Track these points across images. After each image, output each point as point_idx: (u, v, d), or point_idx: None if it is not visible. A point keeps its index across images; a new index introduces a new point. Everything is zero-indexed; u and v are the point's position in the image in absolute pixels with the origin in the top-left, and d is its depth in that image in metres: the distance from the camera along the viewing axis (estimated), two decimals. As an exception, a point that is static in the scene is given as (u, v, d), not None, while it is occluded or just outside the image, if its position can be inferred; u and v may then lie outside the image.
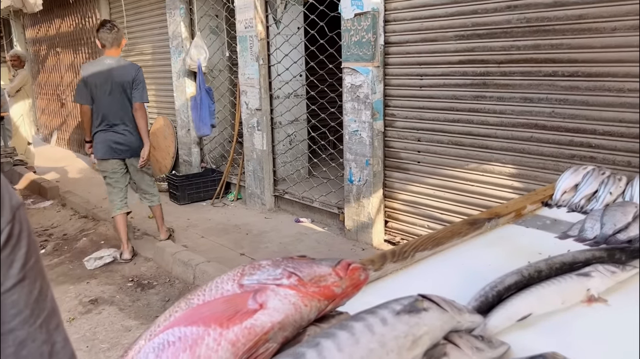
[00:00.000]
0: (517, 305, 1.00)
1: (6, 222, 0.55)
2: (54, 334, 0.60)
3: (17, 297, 0.56)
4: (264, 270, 0.89)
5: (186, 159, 6.69)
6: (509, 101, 3.41)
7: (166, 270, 4.11)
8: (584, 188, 1.57)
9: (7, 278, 0.55)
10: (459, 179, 3.79)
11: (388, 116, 4.15)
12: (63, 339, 0.61)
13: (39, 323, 0.58)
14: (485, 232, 1.43)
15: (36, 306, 0.58)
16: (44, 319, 0.58)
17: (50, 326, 0.59)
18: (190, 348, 0.75)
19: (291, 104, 5.37)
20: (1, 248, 0.54)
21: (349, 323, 0.74)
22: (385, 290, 1.14)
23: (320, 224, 4.97)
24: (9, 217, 0.55)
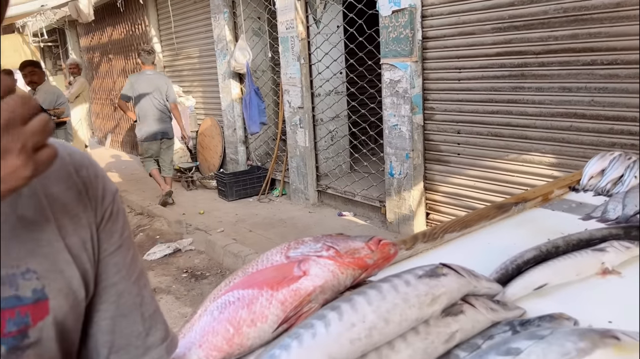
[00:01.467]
0: (534, 276, 1.11)
1: (108, 203, 0.72)
2: (143, 290, 0.76)
3: (117, 259, 0.73)
4: (307, 244, 1.04)
5: (233, 158, 6.95)
6: (547, 91, 3.44)
7: (217, 262, 4.34)
8: (610, 172, 1.64)
9: (109, 244, 0.72)
10: (499, 170, 3.84)
11: (427, 110, 4.23)
12: (150, 294, 0.78)
13: (132, 279, 0.74)
14: (512, 215, 1.53)
15: (131, 267, 0.74)
16: (136, 277, 0.75)
17: (141, 283, 0.76)
18: (247, 306, 0.91)
19: (332, 101, 5.52)
20: (105, 222, 0.71)
21: (377, 283, 0.88)
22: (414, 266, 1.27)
23: (362, 217, 5.10)
24: (110, 199, 0.72)
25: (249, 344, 0.89)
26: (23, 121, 0.46)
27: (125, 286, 0.73)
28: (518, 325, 0.90)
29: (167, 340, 0.78)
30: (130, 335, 0.73)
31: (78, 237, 0.67)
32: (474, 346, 0.86)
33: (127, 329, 0.72)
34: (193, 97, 7.73)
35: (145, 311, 0.75)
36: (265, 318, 0.90)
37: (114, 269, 0.72)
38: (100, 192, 0.71)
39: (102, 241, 0.70)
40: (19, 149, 0.45)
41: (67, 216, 0.66)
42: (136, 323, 0.73)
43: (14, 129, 0.45)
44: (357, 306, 0.81)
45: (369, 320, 0.80)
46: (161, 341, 0.77)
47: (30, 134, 0.46)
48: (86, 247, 0.68)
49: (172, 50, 8.06)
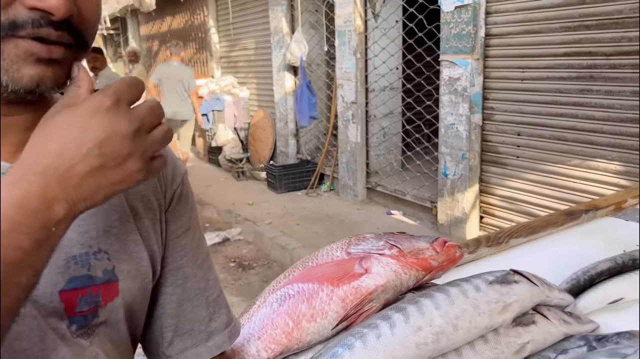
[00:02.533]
0: (609, 289, 1.04)
1: (177, 184, 0.71)
2: (208, 273, 0.75)
3: (185, 242, 0.72)
4: (368, 241, 1.01)
5: (283, 150, 6.99)
6: (617, 94, 3.26)
7: (265, 253, 4.38)
8: (693, 184, 1.53)
9: (177, 226, 0.71)
10: (560, 175, 3.68)
11: (487, 109, 4.11)
12: (214, 278, 0.77)
13: (198, 263, 0.73)
14: (582, 223, 1.45)
15: (197, 250, 0.74)
16: (202, 260, 0.74)
17: (205, 267, 0.75)
18: (307, 300, 0.89)
19: (386, 97, 5.44)
20: (175, 204, 0.70)
21: (445, 287, 0.84)
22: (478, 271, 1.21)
23: (412, 217, 5.02)
24: (179, 181, 0.72)
25: (308, 339, 0.87)
26: (149, 128, 0.50)
27: (191, 270, 0.72)
28: (594, 340, 0.85)
29: (230, 326, 0.77)
30: (194, 319, 0.72)
31: (148, 219, 0.66)
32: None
33: (191, 314, 0.72)
34: (247, 88, 7.83)
35: (209, 295, 0.74)
36: (325, 314, 0.88)
37: (181, 252, 0.71)
38: (170, 173, 0.70)
39: (170, 223, 0.70)
40: (140, 155, 0.48)
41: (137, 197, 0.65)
42: (200, 307, 0.73)
43: (140, 136, 0.48)
44: (424, 309, 0.78)
45: (437, 324, 0.76)
46: (224, 326, 0.76)
47: (151, 143, 0.50)
48: (155, 229, 0.67)
49: (229, 41, 8.17)
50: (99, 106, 0.47)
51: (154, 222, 0.67)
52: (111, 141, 0.46)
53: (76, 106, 0.47)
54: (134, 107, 0.49)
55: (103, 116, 0.47)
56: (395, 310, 0.79)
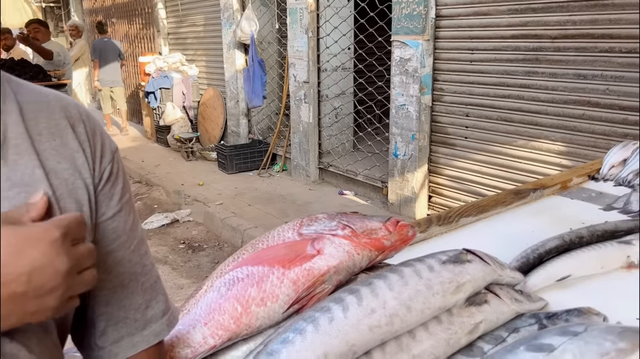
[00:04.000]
0: (556, 266, 1.05)
1: (107, 162, 0.65)
2: (143, 258, 0.70)
3: (116, 225, 0.66)
4: (321, 222, 0.98)
5: (234, 130, 6.86)
6: (561, 77, 3.35)
7: (215, 234, 4.30)
8: (633, 163, 1.58)
9: (108, 208, 0.65)
10: (506, 155, 3.77)
11: (436, 91, 4.15)
12: (150, 264, 0.72)
13: (132, 247, 0.68)
14: (529, 202, 1.47)
15: (130, 233, 0.68)
16: (136, 245, 0.69)
17: (141, 251, 0.70)
18: (257, 284, 0.85)
19: (338, 77, 5.41)
20: (104, 184, 0.64)
21: (399, 267, 0.82)
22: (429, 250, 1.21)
23: (363, 197, 5.05)
24: (109, 158, 0.65)
25: (258, 324, 0.83)
26: (81, 270, 0.50)
27: (124, 254, 0.67)
28: (544, 318, 0.85)
29: (168, 313, 0.73)
30: (129, 307, 0.67)
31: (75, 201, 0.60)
32: (498, 339, 0.81)
33: (125, 301, 0.67)
34: (196, 66, 7.60)
35: (145, 281, 0.70)
36: (276, 298, 0.85)
37: (112, 235, 0.65)
38: (98, 150, 0.64)
39: (100, 204, 0.64)
40: (62, 293, 0.47)
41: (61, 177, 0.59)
42: (136, 294, 0.68)
43: (71, 275, 0.48)
44: (377, 291, 0.76)
45: (390, 306, 0.74)
46: (162, 314, 0.71)
47: (78, 285, 0.50)
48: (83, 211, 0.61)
49: (177, 17, 7.89)
50: (45, 235, 0.46)
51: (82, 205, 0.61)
52: (43, 273, 0.46)
53: (22, 227, 0.47)
54: (76, 246, 0.49)
55: (46, 247, 0.46)
56: (348, 292, 0.76)
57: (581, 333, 0.71)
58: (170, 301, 0.75)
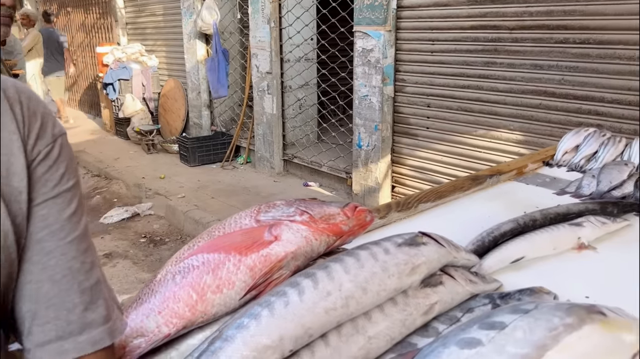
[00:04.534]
0: (511, 249, 1.08)
1: (45, 145, 0.61)
2: (84, 255, 0.64)
3: (47, 212, 0.61)
4: (279, 208, 0.97)
5: (196, 122, 6.76)
6: (519, 67, 3.42)
7: (178, 228, 4.23)
8: (585, 149, 1.63)
9: (39, 194, 0.60)
10: (467, 145, 3.84)
11: (398, 81, 4.18)
12: (92, 262, 0.66)
13: (68, 239, 0.62)
14: (486, 187, 1.50)
15: (67, 224, 0.62)
16: (74, 238, 0.63)
17: (81, 247, 0.64)
18: (213, 271, 0.84)
19: (302, 68, 5.39)
20: (36, 166, 0.60)
21: (355, 251, 0.82)
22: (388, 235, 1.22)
23: (328, 188, 5.06)
24: (49, 141, 0.62)
25: (214, 311, 0.82)
26: None
27: (56, 246, 0.61)
28: (498, 298, 0.87)
29: (110, 322, 0.65)
30: (60, 306, 0.60)
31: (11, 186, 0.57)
32: (453, 319, 0.82)
33: (56, 299, 0.60)
34: (156, 56, 7.44)
35: (84, 280, 0.63)
36: (232, 284, 0.83)
37: (41, 223, 0.60)
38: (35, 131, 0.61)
39: (33, 189, 0.60)
40: None
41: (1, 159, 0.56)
42: (71, 292, 0.61)
43: None
44: (333, 274, 0.76)
45: (346, 289, 0.74)
46: (104, 320, 0.64)
47: None
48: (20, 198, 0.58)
49: (136, 6, 7.69)
50: None
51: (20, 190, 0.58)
52: None
53: None
54: None
55: None
56: (304, 276, 0.76)
57: (531, 311, 0.72)
58: (115, 311, 0.68)
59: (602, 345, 0.66)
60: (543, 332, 0.67)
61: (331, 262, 0.79)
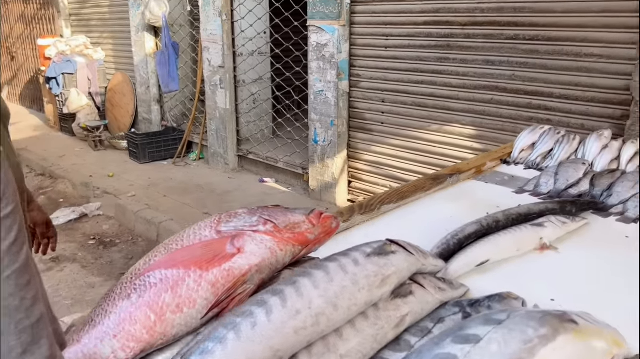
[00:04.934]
0: (476, 252, 1.07)
1: None
2: (23, 291, 0.56)
3: None
4: (241, 218, 0.92)
5: (146, 117, 6.54)
6: (471, 63, 3.47)
7: (128, 228, 4.09)
8: (541, 147, 1.65)
9: None
10: (421, 140, 3.87)
11: (353, 76, 4.17)
12: (33, 297, 0.58)
13: (6, 274, 0.54)
14: (447, 187, 1.50)
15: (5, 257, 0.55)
16: (13, 271, 0.55)
17: (21, 281, 0.56)
18: (172, 289, 0.79)
19: (255, 62, 5.30)
20: None
21: (324, 263, 0.78)
22: (353, 239, 1.19)
23: (284, 184, 5.01)
24: None
25: (174, 332, 0.77)
26: None
27: None
28: (467, 306, 0.85)
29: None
30: None
31: None
32: (424, 330, 0.80)
33: None
34: (102, 49, 7.14)
35: (24, 318, 0.56)
36: (193, 303, 0.79)
37: None
38: None
39: None
40: None
41: None
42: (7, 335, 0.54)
43: None
44: (302, 290, 0.72)
45: (316, 306, 0.71)
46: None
47: None
48: None
49: (79, -4, 7.36)
50: None
51: None
52: None
53: None
54: None
55: None
56: (271, 294, 0.72)
57: (504, 321, 0.71)
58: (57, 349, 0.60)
59: (576, 355, 0.65)
60: (518, 344, 0.66)
61: (299, 277, 0.75)
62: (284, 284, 0.74)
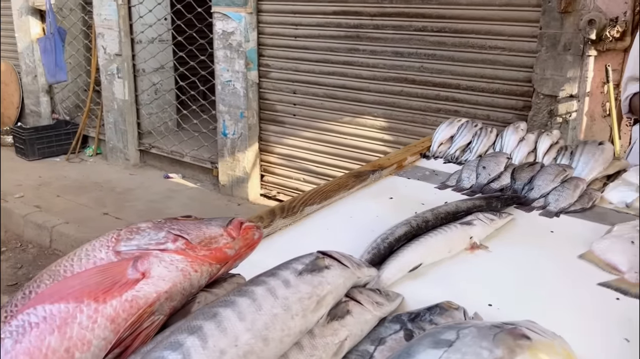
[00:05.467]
0: (408, 256, 1.01)
1: None
2: None
3: None
4: (144, 234, 0.78)
5: (34, 110, 5.96)
6: (381, 54, 3.47)
7: (16, 234, 3.68)
8: (459, 140, 1.64)
9: None
10: (333, 132, 3.83)
11: (262, 66, 4.03)
12: None
13: None
14: (369, 184, 1.43)
15: None
16: None
17: None
18: (59, 329, 0.63)
19: (156, 50, 4.97)
20: None
21: (249, 287, 0.67)
22: (277, 246, 1.09)
23: (192, 179, 4.77)
24: None
25: (63, 385, 0.62)
26: None
27: None
28: (408, 321, 0.78)
29: None
30: None
31: None
32: (365, 355, 0.71)
33: None
34: (-21, 34, 6.40)
35: None
36: (88, 345, 0.64)
37: None
38: None
39: None
40: None
41: None
42: None
43: None
44: (225, 324, 0.60)
45: (243, 342, 0.59)
46: None
47: None
48: None
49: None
50: None
51: None
52: None
53: None
54: None
55: None
56: (187, 332, 0.59)
57: (454, 342, 0.64)
58: None
59: (538, 379, 0.59)
60: (475, 372, 0.58)
61: (220, 307, 0.63)
62: (202, 318, 0.61)
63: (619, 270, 0.97)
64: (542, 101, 2.83)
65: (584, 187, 1.30)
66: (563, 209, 1.24)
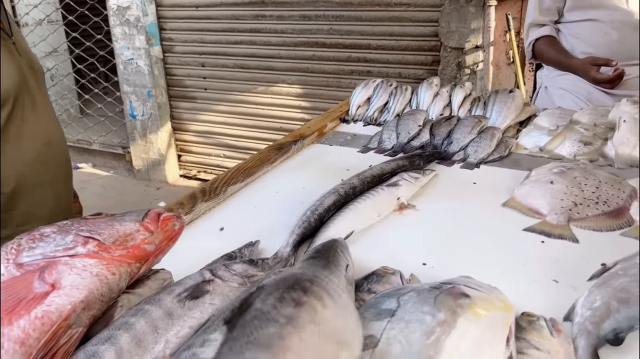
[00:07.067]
0: (339, 225, 0.99)
1: None
2: None
3: None
4: (49, 240, 0.70)
5: None
6: (288, 19, 3.38)
7: None
8: (376, 101, 1.63)
9: None
10: (248, 103, 3.73)
11: (165, 41, 3.81)
12: None
13: None
14: (292, 155, 1.39)
15: None
16: None
17: None
18: (-44, 366, 0.55)
19: (45, 32, 4.56)
20: None
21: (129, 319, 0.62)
22: (201, 233, 1.03)
23: (103, 167, 4.50)
24: None
25: None
26: None
27: None
28: (347, 293, 0.76)
29: None
30: None
31: None
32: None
33: None
34: None
35: None
36: (-4, 376, 0.56)
37: None
38: None
39: None
40: None
41: None
42: None
43: None
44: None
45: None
46: None
47: None
48: None
49: None
50: None
51: None
52: None
53: None
54: None
55: None
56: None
57: (396, 311, 0.63)
58: None
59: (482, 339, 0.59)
60: (421, 339, 0.57)
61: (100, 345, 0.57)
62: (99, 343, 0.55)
63: (540, 213, 1.00)
64: (450, 54, 2.89)
65: (499, 136, 1.33)
66: (482, 160, 1.27)
